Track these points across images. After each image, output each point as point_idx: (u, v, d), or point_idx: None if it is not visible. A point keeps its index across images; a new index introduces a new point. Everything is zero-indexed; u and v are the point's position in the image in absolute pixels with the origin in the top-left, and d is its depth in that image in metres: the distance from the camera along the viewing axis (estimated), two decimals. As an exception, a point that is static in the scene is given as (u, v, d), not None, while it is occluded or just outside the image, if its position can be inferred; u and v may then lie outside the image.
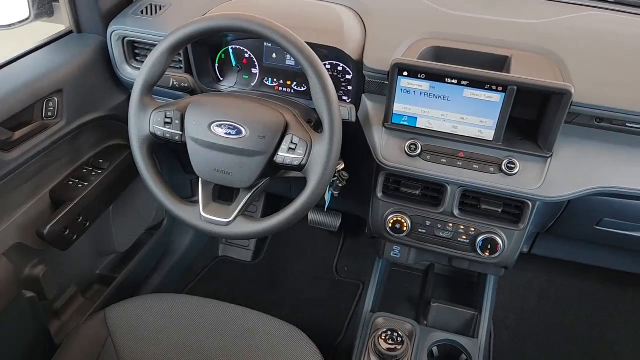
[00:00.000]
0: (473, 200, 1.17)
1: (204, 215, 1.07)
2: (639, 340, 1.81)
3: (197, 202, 1.09)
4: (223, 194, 1.14)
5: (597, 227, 1.26)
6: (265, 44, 1.27)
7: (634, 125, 1.08)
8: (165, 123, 1.06)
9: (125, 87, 1.42)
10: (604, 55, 1.15)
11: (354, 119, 1.18)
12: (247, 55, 1.30)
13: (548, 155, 1.08)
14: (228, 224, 1.05)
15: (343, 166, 1.18)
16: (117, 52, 1.34)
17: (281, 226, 1.03)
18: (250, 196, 1.07)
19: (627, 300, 1.87)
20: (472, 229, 1.19)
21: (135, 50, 1.35)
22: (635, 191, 1.08)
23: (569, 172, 1.08)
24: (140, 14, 1.34)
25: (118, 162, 1.42)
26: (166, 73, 1.09)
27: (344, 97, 1.25)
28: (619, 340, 1.81)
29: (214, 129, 1.02)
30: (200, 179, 1.10)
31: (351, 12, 1.28)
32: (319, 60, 0.98)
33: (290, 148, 1.01)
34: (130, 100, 1.08)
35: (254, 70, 1.31)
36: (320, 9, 1.29)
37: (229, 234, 1.06)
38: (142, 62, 1.16)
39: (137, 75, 1.07)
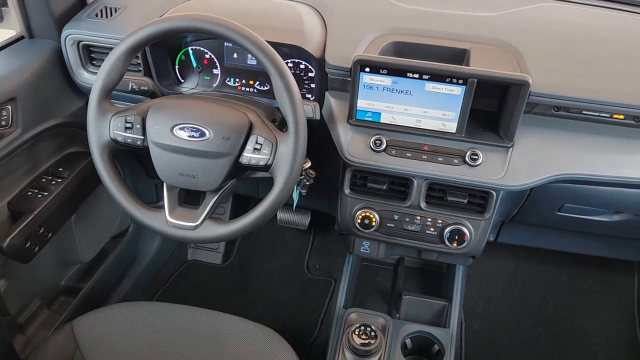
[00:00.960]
0: (439, 193, 1.18)
1: (170, 220, 1.05)
2: (602, 319, 1.87)
3: (162, 207, 1.07)
4: (189, 198, 1.13)
5: (559, 213, 1.29)
6: (225, 44, 1.26)
7: (590, 113, 1.11)
8: (126, 128, 1.04)
9: (82, 93, 1.39)
10: (559, 45, 1.18)
11: (318, 117, 1.18)
12: (207, 56, 1.28)
13: (509, 145, 1.10)
14: (195, 228, 1.04)
15: (309, 164, 1.18)
16: (72, 56, 1.30)
17: (249, 227, 1.02)
18: (217, 199, 1.06)
19: (589, 281, 1.94)
20: (440, 221, 1.21)
21: (92, 54, 1.32)
22: (593, 177, 1.11)
23: (530, 160, 1.11)
24: (95, 17, 1.31)
25: (79, 170, 1.38)
26: (124, 76, 1.07)
27: (308, 95, 1.25)
28: (585, 320, 1.87)
29: (177, 132, 1.00)
30: (164, 184, 1.08)
31: (311, 9, 1.28)
32: (281, 59, 0.97)
33: (255, 148, 1.00)
34: (88, 106, 1.05)
35: (215, 71, 1.29)
36: (280, 7, 1.28)
37: (197, 238, 1.05)
38: (99, 66, 1.13)
39: (94, 80, 1.04)
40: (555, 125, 1.13)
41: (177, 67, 1.30)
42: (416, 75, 1.06)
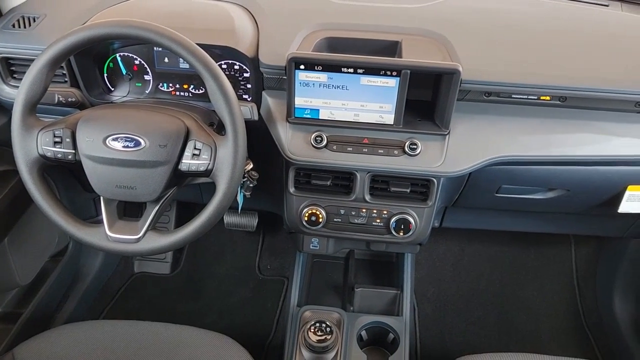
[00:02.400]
0: (382, 184, 1.20)
1: (110, 235, 1.01)
2: (545, 292, 1.96)
3: (101, 222, 1.03)
4: (129, 210, 1.09)
5: (497, 195, 1.34)
6: (155, 48, 1.22)
7: (519, 96, 1.16)
8: (55, 143, 0.99)
9: (5, 109, 1.31)
10: (486, 33, 1.22)
11: (256, 117, 1.17)
12: (137, 62, 1.24)
13: (446, 133, 1.13)
14: (138, 240, 1.01)
15: (251, 166, 1.16)
16: (-10, 71, 1.23)
17: (194, 235, 1.00)
18: (159, 209, 1.03)
19: (531, 257, 2.02)
20: (385, 212, 1.23)
21: (12, 67, 1.25)
22: (526, 157, 1.16)
23: (466, 146, 1.14)
24: (12, 28, 1.24)
25: (8, 190, 1.31)
26: (49, 89, 1.01)
27: (244, 96, 1.23)
28: (529, 294, 1.96)
29: (110, 144, 0.97)
30: (102, 198, 1.03)
31: (240, 8, 1.27)
32: (213, 61, 0.96)
33: (194, 154, 0.98)
34: (12, 122, 0.99)
35: (146, 77, 1.25)
36: (208, 8, 1.26)
37: (141, 250, 1.01)
38: (21, 79, 1.07)
39: (16, 94, 0.99)
40: (488, 111, 1.17)
41: (105, 75, 1.25)
42: (351, 70, 1.06)
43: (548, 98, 1.16)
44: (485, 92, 1.15)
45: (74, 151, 0.99)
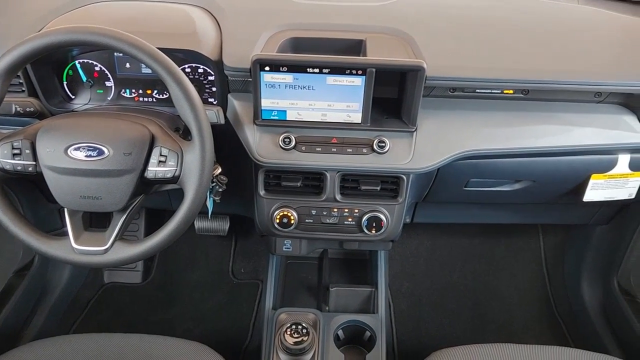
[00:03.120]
0: (352, 183, 1.20)
1: (76, 247, 0.98)
2: (516, 281, 2.00)
3: (67, 234, 1.00)
4: (95, 221, 1.06)
5: (466, 188, 1.36)
6: (115, 54, 1.19)
7: (483, 91, 1.18)
8: (14, 155, 0.96)
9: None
10: (449, 29, 1.23)
11: (222, 121, 1.15)
12: (97, 69, 1.21)
13: (413, 130, 1.14)
14: (105, 251, 0.98)
15: (220, 170, 1.15)
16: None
17: (164, 244, 0.98)
18: (126, 218, 1.00)
19: (501, 248, 2.06)
20: (356, 210, 1.23)
21: (-36, 78, 1.20)
22: (492, 150, 1.17)
23: (433, 142, 1.15)
24: (-38, 37, 1.19)
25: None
26: (5, 99, 0.98)
27: (210, 99, 1.21)
28: (501, 284, 1.99)
29: (72, 153, 0.94)
30: (66, 209, 1.01)
31: (202, 11, 1.25)
32: (175, 66, 0.94)
33: (160, 161, 0.96)
34: None
35: (108, 84, 1.22)
36: (168, 11, 1.24)
37: (109, 262, 0.99)
38: (-26, 90, 1.03)
39: None
40: (454, 106, 1.19)
41: (65, 83, 1.22)
42: (316, 70, 1.06)
43: (511, 91, 1.18)
44: (450, 87, 1.17)
45: (34, 163, 0.96)
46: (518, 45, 1.20)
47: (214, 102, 1.21)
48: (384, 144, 1.13)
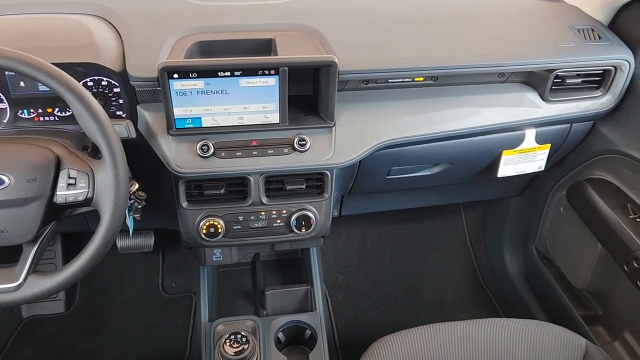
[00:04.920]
0: (277, 184, 1.19)
1: (-17, 286, 0.90)
2: (444, 261, 2.07)
3: (-29, 273, 0.91)
4: (3, 255, 0.98)
5: (388, 177, 1.38)
6: (7, 73, 1.10)
7: (395, 81, 1.20)
8: None
9: None
10: (357, 21, 1.24)
11: (134, 134, 1.09)
12: (-13, 90, 1.11)
13: (332, 125, 1.14)
14: (18, 287, 0.90)
15: (137, 186, 1.09)
16: None
17: (83, 271, 0.92)
18: (38, 249, 0.93)
19: (427, 230, 2.13)
20: (284, 211, 1.21)
21: None
22: (408, 138, 1.20)
23: (353, 135, 1.16)
24: None
25: None
26: None
27: (118, 113, 1.15)
28: (431, 265, 2.06)
29: (-33, 186, 0.85)
30: (-33, 247, 0.92)
31: (98, 20, 1.17)
32: (74, 81, 0.88)
33: (69, 184, 0.90)
34: None
35: (1, 105, 1.12)
36: (61, 23, 1.15)
37: (24, 298, 0.91)
38: None
39: None
40: (369, 98, 1.20)
41: (-49, 108, 1.11)
42: (228, 73, 1.03)
43: (422, 79, 1.22)
44: (363, 80, 1.18)
45: None
46: (425, 34, 1.24)
47: (123, 115, 1.14)
48: (304, 142, 1.12)
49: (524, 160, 1.38)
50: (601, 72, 1.28)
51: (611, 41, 1.29)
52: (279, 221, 1.22)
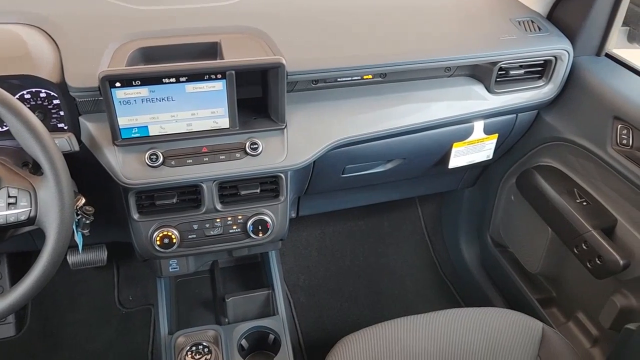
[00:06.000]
0: (232, 190, 1.16)
1: None
2: (403, 254, 2.10)
3: None
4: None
5: (344, 175, 1.38)
6: None
7: (345, 79, 1.20)
8: None
9: None
10: (303, 21, 1.23)
11: (77, 147, 1.05)
12: None
13: (283, 127, 1.13)
14: (-40, 315, 0.85)
15: (84, 201, 1.05)
16: None
17: (31, 293, 0.88)
18: (-21, 273, 0.88)
19: (385, 225, 2.15)
20: (240, 217, 1.19)
21: None
22: (360, 136, 1.20)
23: (305, 136, 1.15)
24: None
25: None
26: None
27: (60, 125, 1.10)
28: (390, 259, 2.08)
29: None
30: None
31: (32, 29, 1.12)
32: (8, 95, 0.83)
33: (9, 203, 0.85)
34: None
35: None
36: None
37: None
38: None
39: None
40: (319, 97, 1.20)
41: None
42: (173, 80, 1.00)
43: (370, 77, 1.22)
44: (313, 80, 1.17)
45: None
46: (372, 32, 1.24)
47: (65, 128, 1.09)
48: (256, 146, 1.10)
49: (473, 150, 1.41)
50: (542, 62, 1.32)
51: (550, 32, 1.33)
52: (235, 227, 1.20)
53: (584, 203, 1.29)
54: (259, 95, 1.19)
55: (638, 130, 1.17)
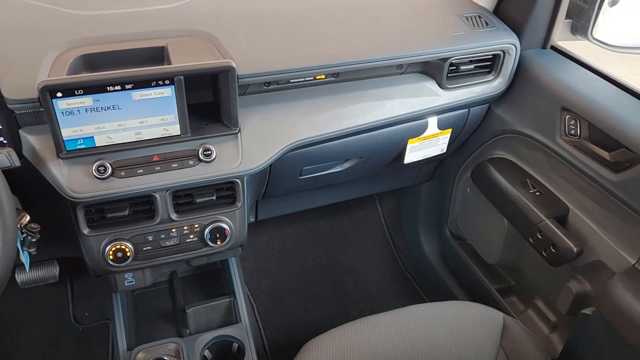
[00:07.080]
0: (186, 198, 1.13)
1: None
2: (365, 252, 2.10)
3: None
4: None
5: (301, 177, 1.37)
6: None
7: (297, 80, 1.19)
8: None
9: None
10: (252, 23, 1.21)
11: (17, 163, 0.98)
12: None
13: (236, 131, 1.10)
14: None
15: (28, 218, 0.99)
16: None
17: None
18: None
19: (345, 224, 2.14)
20: (197, 225, 1.16)
21: None
22: (316, 137, 1.19)
23: (259, 140, 1.13)
24: None
25: None
26: None
27: (-1, 139, 1.04)
28: (352, 258, 2.08)
29: None
30: None
31: (-37, 39, 1.06)
32: None
33: (-56, 226, 0.80)
34: None
35: None
36: None
37: None
38: None
39: None
40: (273, 100, 1.18)
41: None
42: (118, 87, 0.96)
43: (323, 77, 1.21)
44: (265, 82, 1.15)
45: None
46: (322, 32, 1.23)
47: (4, 142, 1.04)
48: (210, 152, 1.07)
49: (428, 145, 1.43)
50: (491, 57, 1.34)
51: (497, 27, 1.35)
52: (192, 236, 1.17)
53: (537, 193, 1.32)
54: (210, 99, 1.16)
55: (585, 121, 1.20)
